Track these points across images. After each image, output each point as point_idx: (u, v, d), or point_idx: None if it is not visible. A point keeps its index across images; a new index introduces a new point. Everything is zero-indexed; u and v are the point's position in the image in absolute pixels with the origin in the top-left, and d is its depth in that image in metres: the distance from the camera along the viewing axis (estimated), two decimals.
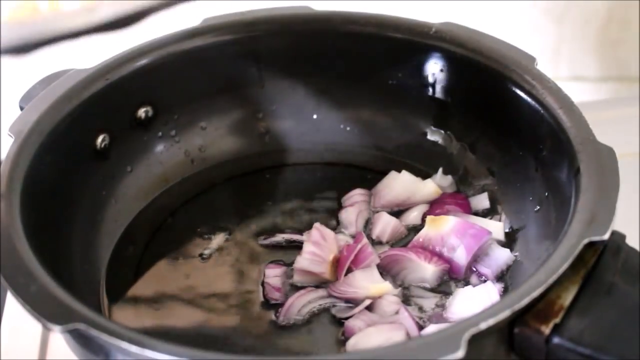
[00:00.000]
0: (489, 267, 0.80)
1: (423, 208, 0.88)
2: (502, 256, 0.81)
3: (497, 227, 0.83)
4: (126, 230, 0.87)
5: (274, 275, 0.81)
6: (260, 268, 0.82)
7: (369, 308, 0.78)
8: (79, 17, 0.72)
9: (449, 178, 0.90)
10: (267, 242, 0.85)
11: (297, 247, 0.83)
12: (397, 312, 0.77)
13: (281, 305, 0.79)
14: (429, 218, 0.83)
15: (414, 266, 0.80)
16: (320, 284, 0.81)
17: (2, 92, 1.16)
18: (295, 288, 0.81)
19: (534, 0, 1.15)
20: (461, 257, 0.80)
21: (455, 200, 0.88)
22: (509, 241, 0.83)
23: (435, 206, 0.87)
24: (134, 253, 0.85)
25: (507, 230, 0.84)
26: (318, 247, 0.80)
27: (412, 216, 0.87)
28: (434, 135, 0.93)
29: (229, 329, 0.78)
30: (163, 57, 0.89)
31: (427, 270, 0.80)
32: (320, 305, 0.79)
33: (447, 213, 0.85)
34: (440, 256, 0.80)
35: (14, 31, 0.71)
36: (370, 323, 0.76)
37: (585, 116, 0.78)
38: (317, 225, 0.83)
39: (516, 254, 0.82)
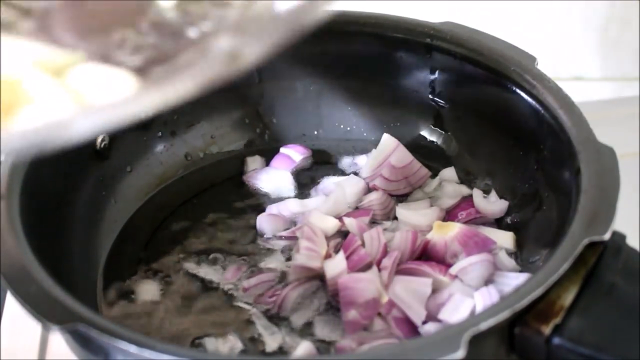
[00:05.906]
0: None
1: None
2: (506, 266, 0.80)
3: (506, 237, 0.82)
4: (126, 230, 0.87)
5: (266, 279, 0.81)
6: (257, 268, 0.82)
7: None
8: None
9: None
10: (266, 242, 0.85)
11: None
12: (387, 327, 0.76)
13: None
14: (436, 223, 0.82)
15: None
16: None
17: None
18: None
19: (534, 0, 1.15)
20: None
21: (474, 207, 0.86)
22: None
23: (457, 210, 0.87)
24: (134, 253, 0.85)
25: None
26: (312, 242, 0.80)
27: None
28: (433, 135, 0.93)
29: (228, 328, 0.78)
30: None
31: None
32: (314, 296, 0.79)
33: (463, 219, 0.85)
34: (444, 263, 0.80)
35: None
36: (362, 341, 0.74)
37: (585, 116, 0.78)
38: (305, 222, 0.83)
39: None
